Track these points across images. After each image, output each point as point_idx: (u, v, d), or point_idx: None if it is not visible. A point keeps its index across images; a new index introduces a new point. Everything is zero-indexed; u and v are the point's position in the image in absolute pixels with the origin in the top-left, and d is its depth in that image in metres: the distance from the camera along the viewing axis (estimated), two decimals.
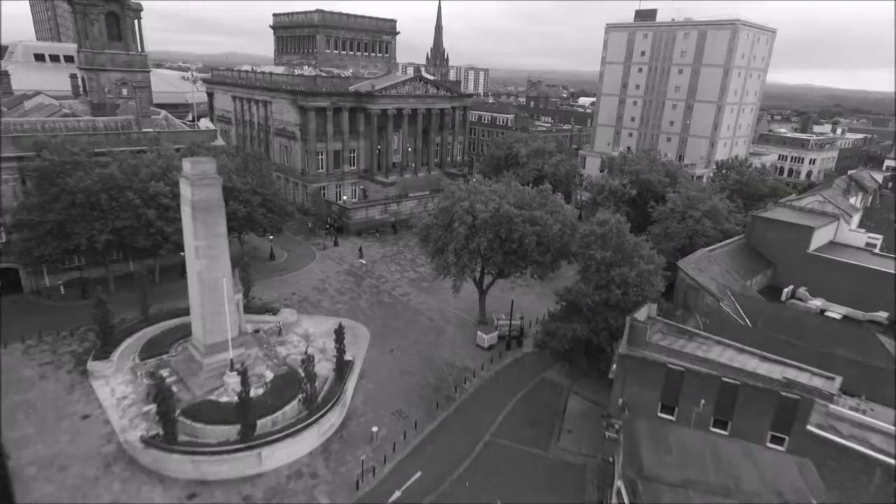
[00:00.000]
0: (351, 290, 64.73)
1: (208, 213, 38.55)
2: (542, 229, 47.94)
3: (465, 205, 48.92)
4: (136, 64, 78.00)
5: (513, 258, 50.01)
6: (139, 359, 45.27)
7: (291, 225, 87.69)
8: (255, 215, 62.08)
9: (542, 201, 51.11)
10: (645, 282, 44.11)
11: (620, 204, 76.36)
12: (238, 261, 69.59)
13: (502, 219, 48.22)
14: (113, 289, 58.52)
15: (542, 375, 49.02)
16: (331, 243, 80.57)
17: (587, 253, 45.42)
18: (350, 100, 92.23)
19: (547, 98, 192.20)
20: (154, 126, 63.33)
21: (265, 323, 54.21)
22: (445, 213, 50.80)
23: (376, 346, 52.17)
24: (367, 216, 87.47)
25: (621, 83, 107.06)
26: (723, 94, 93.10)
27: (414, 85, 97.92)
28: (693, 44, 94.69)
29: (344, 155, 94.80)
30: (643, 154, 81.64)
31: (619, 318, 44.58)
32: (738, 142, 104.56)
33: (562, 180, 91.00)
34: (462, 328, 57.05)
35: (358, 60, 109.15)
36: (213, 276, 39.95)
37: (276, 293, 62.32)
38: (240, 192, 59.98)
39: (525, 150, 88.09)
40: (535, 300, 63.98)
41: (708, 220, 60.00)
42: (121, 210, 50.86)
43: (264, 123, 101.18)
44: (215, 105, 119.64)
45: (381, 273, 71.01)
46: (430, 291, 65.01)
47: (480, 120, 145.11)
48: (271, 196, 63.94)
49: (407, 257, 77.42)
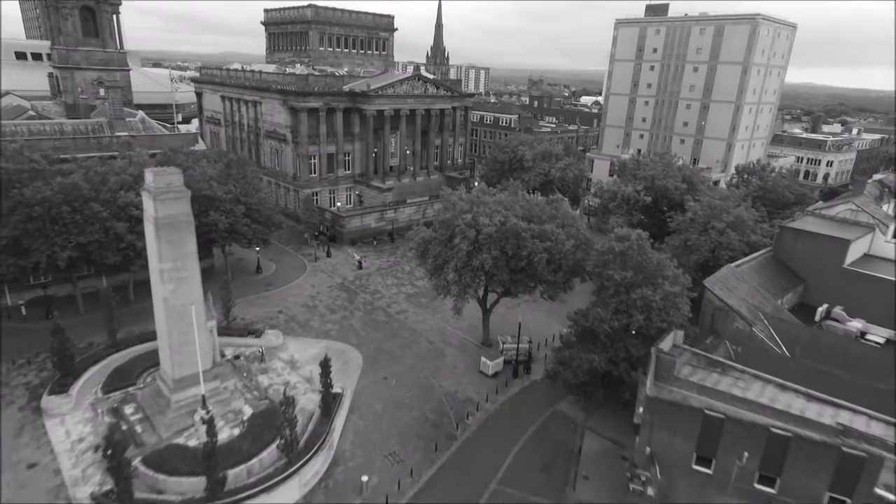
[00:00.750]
0: (343, 308, 60.29)
1: (174, 231, 34.14)
2: (554, 245, 43.49)
3: (467, 217, 44.49)
4: (113, 62, 73.78)
5: (520, 277, 45.56)
6: (102, 392, 40.88)
7: (282, 233, 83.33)
8: (239, 226, 57.68)
9: (552, 213, 46.65)
10: (670, 305, 39.64)
11: (634, 212, 72.04)
12: (222, 274, 65.41)
13: (509, 233, 43.78)
14: (81, 308, 54.18)
15: (554, 408, 44.55)
16: (323, 254, 76.17)
17: (605, 273, 41.00)
18: (344, 100, 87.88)
19: (551, 98, 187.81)
20: (129, 129, 58.95)
21: (247, 347, 49.89)
22: (445, 227, 46.36)
23: (369, 374, 47.73)
24: (362, 224, 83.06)
25: (632, 82, 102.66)
26: (741, 93, 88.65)
27: (412, 84, 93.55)
28: (709, 40, 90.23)
29: (338, 158, 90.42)
30: (658, 158, 77.15)
31: (642, 347, 40.18)
32: (756, 144, 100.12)
33: (569, 185, 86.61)
34: (464, 351, 52.61)
35: (353, 58, 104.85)
36: (181, 302, 35.53)
37: (261, 311, 57.92)
38: (221, 201, 55.60)
39: (531, 154, 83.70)
40: (543, 318, 59.58)
41: (733, 232, 55.50)
42: (86, 224, 46.43)
43: (254, 125, 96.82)
44: (204, 106, 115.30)
45: (376, 287, 66.58)
46: (428, 308, 60.60)
47: (482, 121, 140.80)
48: (256, 205, 59.51)
49: (405, 269, 72.98)
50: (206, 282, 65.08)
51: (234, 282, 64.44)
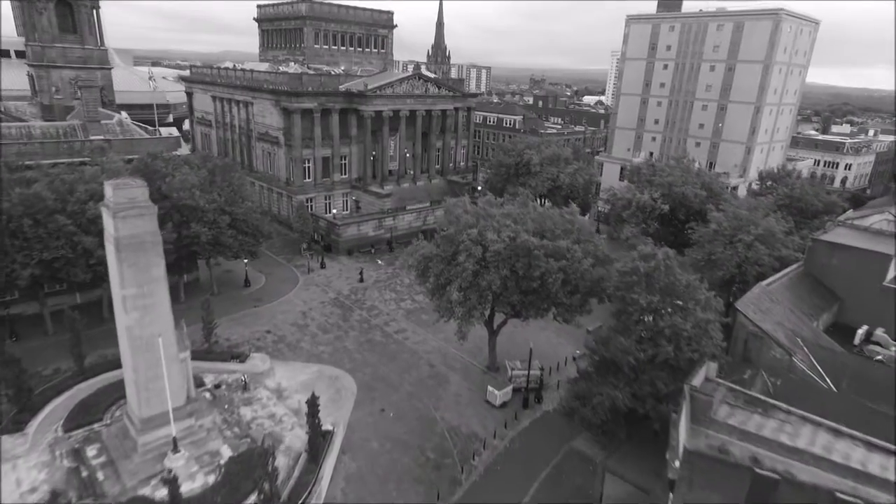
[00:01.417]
0: (337, 326, 56.22)
1: (139, 252, 30.13)
2: (570, 264, 39.37)
3: (472, 233, 40.42)
4: (93, 60, 69.82)
5: (532, 298, 41.43)
6: (63, 430, 36.83)
7: (274, 242, 79.39)
8: (224, 238, 53.66)
9: (567, 227, 42.51)
10: (702, 334, 35.54)
11: (650, 221, 67.98)
12: (208, 288, 61.45)
13: (519, 251, 39.70)
14: (50, 328, 50.10)
15: (570, 445, 40.44)
16: (317, 265, 72.10)
17: (628, 297, 36.90)
18: (340, 100, 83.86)
19: (556, 97, 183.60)
20: (105, 132, 54.92)
21: (230, 373, 45.87)
22: (448, 243, 42.27)
23: (364, 404, 43.65)
24: (359, 232, 79.01)
25: (643, 81, 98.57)
26: (762, 93, 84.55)
27: (412, 83, 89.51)
28: (727, 37, 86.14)
29: (334, 162, 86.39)
30: (675, 162, 73.07)
31: (670, 381, 36.11)
32: (776, 147, 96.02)
33: (579, 191, 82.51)
34: (468, 376, 48.54)
35: (350, 56, 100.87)
36: (147, 332, 31.54)
37: (247, 331, 53.87)
38: (204, 211, 51.55)
39: (538, 158, 79.62)
40: (553, 338, 55.55)
41: (762, 246, 51.38)
42: (50, 238, 42.42)
43: (246, 127, 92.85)
44: (195, 106, 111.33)
45: (373, 303, 62.51)
46: (429, 327, 56.48)
47: (485, 121, 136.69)
48: (243, 215, 55.47)
49: (404, 282, 68.88)
50: (191, 296, 61.64)
51: (219, 296, 60.73)
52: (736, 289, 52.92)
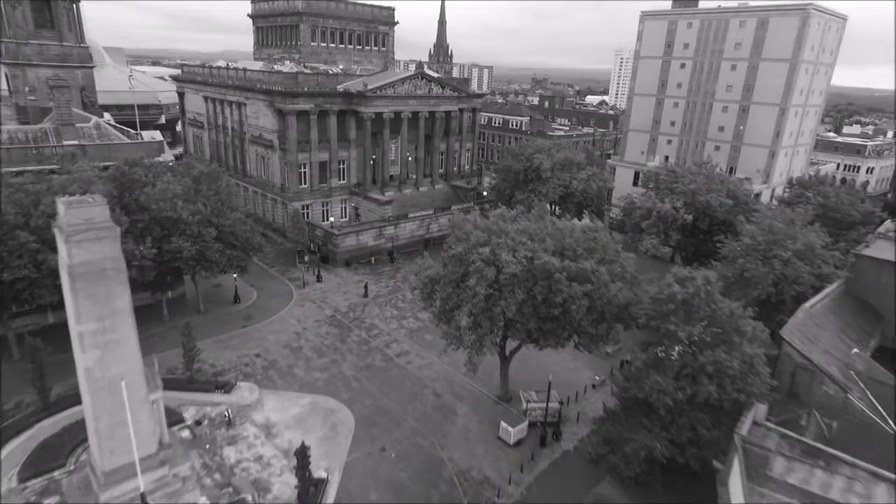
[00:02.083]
0: (333, 349, 52.07)
1: (97, 281, 26.00)
2: (595, 289, 35.15)
3: (484, 252, 36.24)
4: (72, 58, 65.77)
5: (551, 326, 37.22)
6: (18, 479, 32.75)
7: (267, 253, 75.36)
8: (209, 252, 49.52)
9: (590, 245, 38.31)
10: (749, 371, 31.37)
11: (671, 232, 63.83)
12: (194, 304, 57.37)
13: (538, 274, 35.51)
14: (15, 352, 45.98)
15: (594, 491, 36.19)
16: (312, 278, 67.98)
17: (664, 327, 32.71)
18: (339, 101, 79.76)
19: (563, 98, 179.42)
20: (80, 136, 50.84)
21: (214, 406, 41.79)
22: (457, 263, 38.10)
23: (363, 442, 39.52)
24: (357, 242, 74.88)
25: (659, 81, 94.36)
26: (787, 94, 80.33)
27: (415, 83, 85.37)
28: (751, 34, 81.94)
29: (331, 167, 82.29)
30: (697, 168, 68.90)
31: (713, 425, 31.95)
32: (800, 151, 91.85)
33: (592, 198, 78.35)
34: (478, 408, 44.39)
35: (349, 55, 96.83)
36: (110, 373, 27.42)
37: (234, 355, 49.74)
38: (187, 224, 47.43)
39: (549, 163, 75.41)
40: (569, 361, 51.40)
41: (800, 262, 47.17)
42: (11, 257, 38.27)
43: (239, 129, 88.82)
44: (186, 107, 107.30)
45: (372, 321, 58.37)
46: (434, 348, 52.03)
47: (490, 123, 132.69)
48: (231, 226, 51.33)
49: (406, 297, 64.68)
50: (176, 314, 57.39)
51: (206, 315, 56.75)
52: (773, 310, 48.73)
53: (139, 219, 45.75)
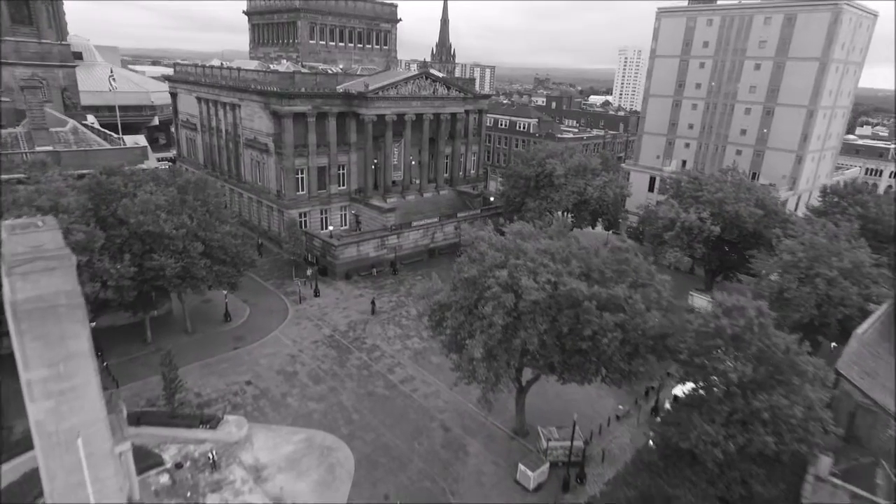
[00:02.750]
0: (331, 374, 48.11)
1: (48, 320, 22.05)
2: (630, 319, 31.12)
3: (502, 276, 32.23)
4: (52, 56, 62.06)
5: (578, 360, 33.20)
6: None
7: (263, 264, 71.58)
8: (196, 269, 45.55)
9: (620, 267, 34.29)
10: (811, 417, 27.36)
11: (696, 245, 59.81)
12: (181, 323, 53.45)
13: (564, 301, 31.49)
14: None
15: None
16: (310, 292, 64.07)
17: (710, 366, 28.71)
18: (338, 102, 75.87)
19: (571, 98, 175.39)
20: (55, 142, 46.97)
21: (197, 443, 37.82)
22: (470, 287, 34.11)
23: (363, 487, 35.60)
24: (358, 253, 70.93)
25: (676, 82, 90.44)
26: (816, 95, 76.27)
27: (419, 83, 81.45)
28: (776, 31, 77.94)
29: (330, 172, 78.40)
30: (722, 174, 64.90)
31: (768, 479, 27.93)
32: (826, 155, 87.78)
33: (608, 206, 74.32)
34: (492, 444, 40.42)
35: (350, 54, 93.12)
36: (65, 427, 23.51)
37: (223, 382, 45.80)
38: (171, 238, 43.48)
39: (562, 168, 71.38)
40: (590, 388, 46.74)
41: (846, 282, 43.15)
42: None
43: (233, 132, 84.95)
44: (179, 108, 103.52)
45: (374, 341, 54.44)
46: (441, 373, 48.23)
47: (496, 125, 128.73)
48: (220, 241, 47.37)
49: (410, 313, 60.73)
50: (162, 335, 53.13)
51: (194, 335, 52.90)
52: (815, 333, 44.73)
53: (117, 234, 41.87)
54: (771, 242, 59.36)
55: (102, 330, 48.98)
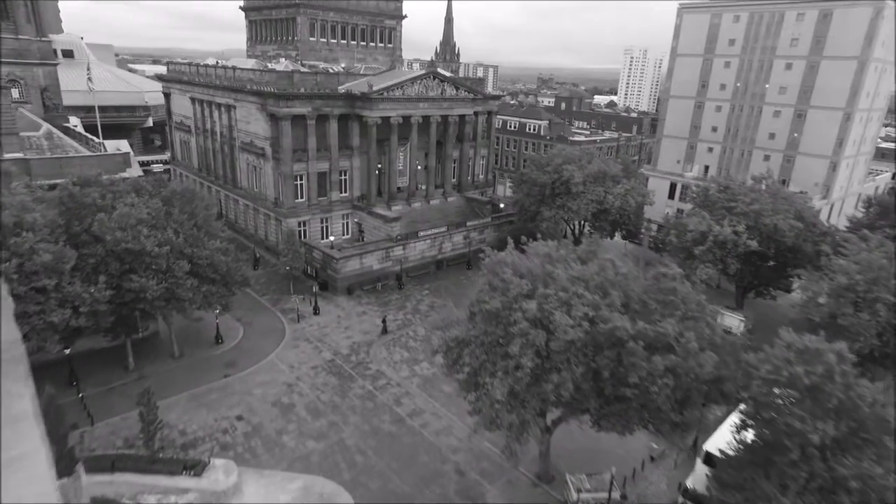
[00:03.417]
0: (332, 407, 43.92)
1: None
2: (682, 361, 26.83)
3: (530, 309, 28.03)
4: (31, 54, 58.02)
5: (619, 408, 28.88)
6: None
7: (259, 277, 67.55)
8: (181, 290, 41.39)
9: (665, 298, 30.00)
10: None
11: (730, 260, 55.54)
12: (168, 347, 49.36)
13: (604, 340, 27.22)
14: None
15: None
16: (309, 308, 59.98)
17: (781, 421, 24.42)
18: (340, 104, 71.79)
19: (581, 99, 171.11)
20: (26, 148, 42.86)
21: (180, 493, 33.57)
22: (493, 321, 29.85)
23: None
24: (361, 266, 66.77)
25: (699, 82, 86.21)
26: (854, 97, 72.01)
27: (426, 84, 77.33)
28: (811, 28, 73.72)
29: (331, 178, 74.28)
30: (755, 183, 60.64)
31: None
32: (860, 161, 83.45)
33: (630, 216, 70.07)
34: (512, 492, 36.24)
35: (352, 52, 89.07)
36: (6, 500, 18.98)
37: (211, 417, 41.64)
38: (153, 257, 39.32)
39: (581, 175, 67.18)
40: None
41: None
42: None
43: (228, 134, 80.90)
44: (173, 109, 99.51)
45: (379, 366, 50.28)
46: (454, 405, 44.08)
47: (505, 126, 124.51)
48: (209, 258, 43.20)
49: (418, 333, 56.63)
50: (146, 360, 48.65)
51: (181, 360, 48.81)
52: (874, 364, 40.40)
53: (91, 252, 37.81)
54: (811, 258, 55.26)
55: (79, 355, 45.04)
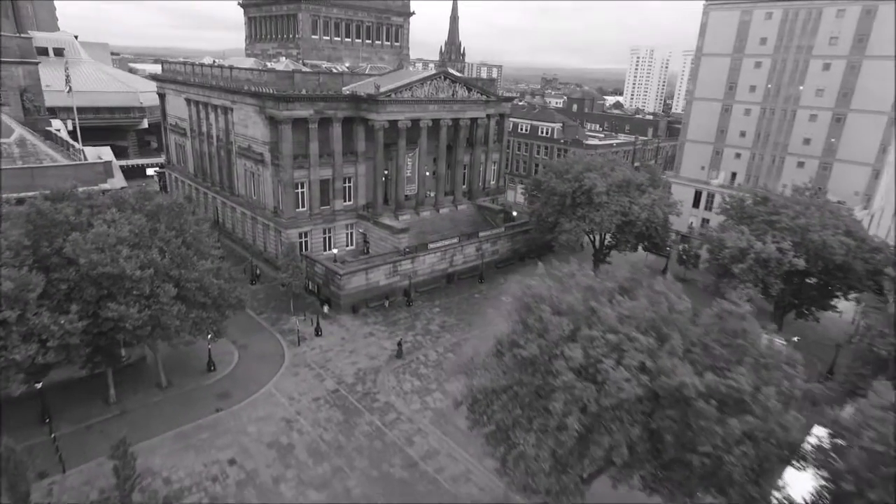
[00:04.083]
0: (336, 448, 39.53)
1: None
2: (761, 424, 22.35)
3: (575, 357, 23.56)
4: (10, 52, 53.83)
5: (681, 475, 24.36)
6: None
7: (257, 292, 63.36)
8: (167, 317, 37.02)
9: (732, 341, 25.52)
10: None
11: (773, 280, 51.06)
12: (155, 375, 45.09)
13: (665, 398, 22.79)
14: None
15: None
16: (310, 328, 55.72)
17: None
18: (344, 106, 67.48)
19: (593, 101, 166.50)
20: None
21: None
22: (528, 369, 25.44)
23: None
24: (367, 282, 62.42)
25: (726, 84, 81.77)
26: None
27: (437, 84, 72.93)
28: (851, 25, 69.23)
29: (335, 186, 69.95)
30: (799, 193, 56.19)
31: None
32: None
33: (657, 230, 65.54)
34: None
35: (357, 50, 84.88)
36: None
37: (199, 462, 37.30)
38: (134, 281, 34.97)
39: (604, 184, 62.72)
40: None
41: None
42: None
43: (225, 138, 76.66)
44: (168, 111, 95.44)
45: (387, 398, 45.87)
46: (471, 444, 39.35)
47: (516, 129, 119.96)
48: (198, 281, 38.85)
49: (430, 357, 52.26)
50: (129, 391, 43.51)
51: (169, 391, 44.69)
52: None
53: (62, 277, 33.49)
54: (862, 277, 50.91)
55: (54, 387, 40.87)
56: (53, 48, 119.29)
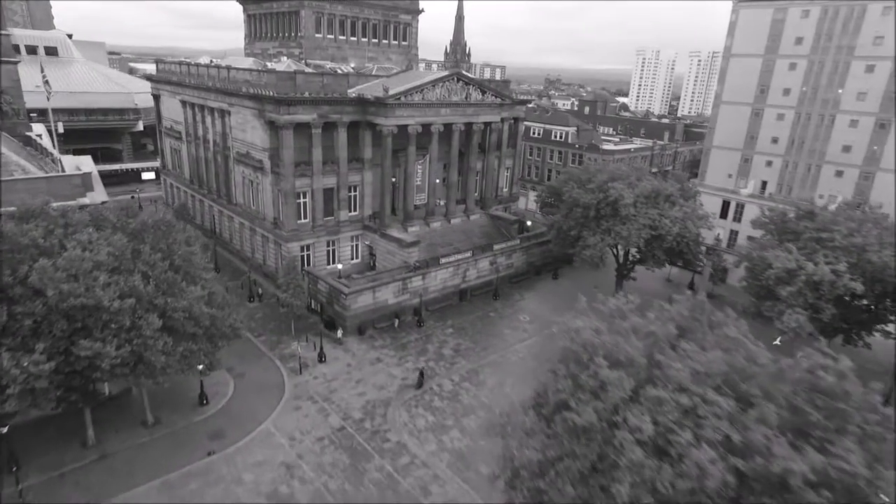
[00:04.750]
0: (343, 499, 35.10)
1: None
2: None
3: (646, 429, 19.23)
4: None
5: None
6: None
7: (254, 312, 59.18)
8: (151, 353, 32.72)
9: (830, 405, 21.14)
10: None
11: (825, 304, 46.62)
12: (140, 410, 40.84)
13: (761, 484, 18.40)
14: None
15: None
16: (313, 353, 51.46)
17: None
18: (350, 109, 63.22)
19: (606, 103, 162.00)
20: None
21: None
22: (583, 439, 21.07)
23: None
24: (374, 300, 58.12)
25: (757, 86, 77.33)
26: None
27: (448, 87, 68.61)
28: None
29: (339, 195, 65.68)
30: (850, 208, 51.74)
31: None
32: None
33: (688, 245, 61.07)
34: None
35: (363, 50, 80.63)
36: None
37: None
38: (112, 314, 30.69)
39: (631, 195, 58.32)
40: None
41: None
42: None
43: (222, 143, 72.49)
44: (163, 113, 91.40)
45: (399, 437, 41.52)
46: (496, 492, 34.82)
47: (528, 133, 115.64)
48: (187, 310, 34.54)
49: (445, 388, 47.97)
50: (110, 431, 38.96)
51: (156, 429, 40.54)
52: None
53: (27, 310, 29.20)
54: None
55: (22, 427, 36.66)
56: (45, 47, 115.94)
